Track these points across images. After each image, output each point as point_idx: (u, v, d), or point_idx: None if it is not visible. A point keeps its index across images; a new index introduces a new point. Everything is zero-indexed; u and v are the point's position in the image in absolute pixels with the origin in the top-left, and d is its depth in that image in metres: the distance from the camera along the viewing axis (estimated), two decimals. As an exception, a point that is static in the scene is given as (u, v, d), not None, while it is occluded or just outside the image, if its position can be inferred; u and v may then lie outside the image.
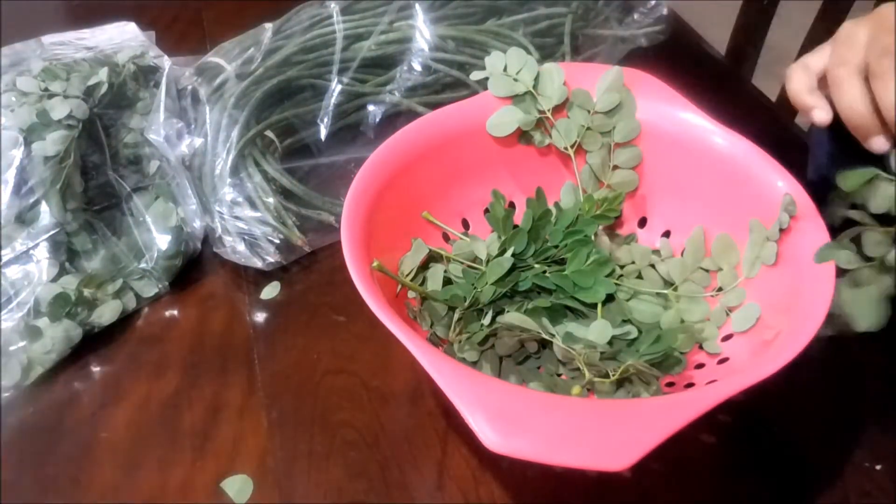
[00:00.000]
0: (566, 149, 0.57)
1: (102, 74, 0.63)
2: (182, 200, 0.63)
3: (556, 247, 0.55)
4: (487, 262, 0.54)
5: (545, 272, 0.54)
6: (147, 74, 0.69)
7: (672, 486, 0.49)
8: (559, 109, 0.57)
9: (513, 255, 0.53)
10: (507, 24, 0.73)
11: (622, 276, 0.56)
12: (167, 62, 0.68)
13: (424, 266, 0.54)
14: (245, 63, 0.68)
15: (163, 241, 0.61)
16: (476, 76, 0.59)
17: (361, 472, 0.50)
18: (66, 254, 0.59)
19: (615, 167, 0.57)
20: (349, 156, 0.67)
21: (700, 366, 0.50)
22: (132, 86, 0.67)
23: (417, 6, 0.71)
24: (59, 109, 0.60)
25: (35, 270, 0.58)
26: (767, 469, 0.50)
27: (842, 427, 0.52)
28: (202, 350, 0.58)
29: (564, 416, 0.39)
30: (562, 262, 0.55)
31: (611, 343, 0.49)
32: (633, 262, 0.56)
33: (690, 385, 0.48)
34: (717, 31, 0.94)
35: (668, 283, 0.55)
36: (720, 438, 0.51)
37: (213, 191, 0.62)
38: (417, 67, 0.69)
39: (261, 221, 0.61)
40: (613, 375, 0.47)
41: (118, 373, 0.57)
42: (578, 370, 0.49)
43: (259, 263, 0.60)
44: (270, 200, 0.62)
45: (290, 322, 0.60)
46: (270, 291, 0.62)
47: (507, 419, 0.38)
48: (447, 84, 0.71)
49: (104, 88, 0.63)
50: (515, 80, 0.57)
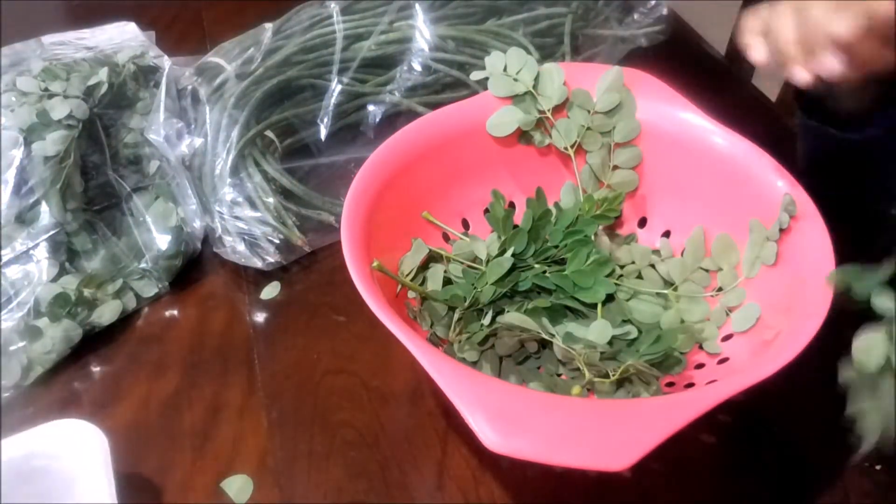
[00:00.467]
0: (566, 149, 0.57)
1: (102, 74, 0.63)
2: (182, 200, 0.63)
3: (556, 247, 0.55)
4: (487, 262, 0.54)
5: (545, 272, 0.54)
6: (147, 74, 0.69)
7: (672, 486, 0.49)
8: (559, 109, 0.57)
9: (513, 255, 0.53)
10: (507, 24, 0.73)
11: (622, 276, 0.56)
12: (167, 62, 0.68)
13: (424, 266, 0.54)
14: (245, 63, 0.68)
15: (163, 241, 0.61)
16: (476, 76, 0.59)
17: (361, 472, 0.50)
18: (66, 254, 0.59)
19: (615, 167, 0.57)
20: (349, 156, 0.67)
21: (700, 366, 0.50)
22: (132, 86, 0.67)
23: (417, 6, 0.71)
24: (59, 109, 0.60)
25: (35, 270, 0.58)
26: (767, 469, 0.50)
27: (842, 427, 0.52)
28: (202, 350, 0.58)
29: (564, 416, 0.39)
30: (562, 262, 0.55)
31: (611, 343, 0.49)
32: (633, 262, 0.56)
33: (690, 385, 0.48)
34: (717, 31, 0.94)
35: (668, 283, 0.55)
36: (720, 438, 0.51)
37: (213, 191, 0.62)
38: (417, 67, 0.69)
39: (261, 221, 0.61)
40: (613, 375, 0.47)
41: (118, 373, 0.57)
42: (578, 370, 0.49)
43: (259, 263, 0.60)
44: (270, 200, 0.62)
45: (290, 322, 0.60)
46: (270, 291, 0.61)
47: (507, 419, 0.38)
48: (447, 84, 0.71)
49: (104, 88, 0.63)
50: (515, 80, 0.57)
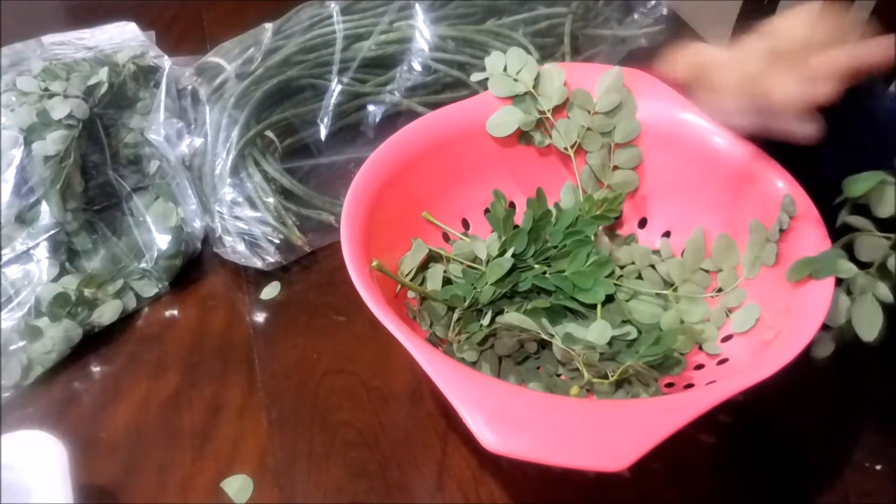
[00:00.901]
0: (566, 149, 0.57)
1: (102, 74, 0.63)
2: (182, 200, 0.63)
3: (556, 247, 0.55)
4: (487, 263, 0.54)
5: (545, 273, 0.54)
6: (147, 74, 0.69)
7: (672, 486, 0.49)
8: (559, 110, 0.57)
9: (513, 256, 0.53)
10: (507, 24, 0.73)
11: (622, 277, 0.56)
12: (167, 62, 0.68)
13: (424, 266, 0.54)
14: (245, 63, 0.68)
15: (163, 241, 0.61)
16: (476, 76, 0.59)
17: (361, 472, 0.50)
18: (67, 253, 0.59)
19: (615, 167, 0.57)
20: (349, 156, 0.67)
21: (700, 366, 0.50)
22: (132, 86, 0.67)
23: (417, 6, 0.71)
24: (60, 109, 0.60)
25: (35, 270, 0.58)
26: (767, 469, 0.50)
27: (842, 427, 0.52)
28: (202, 350, 0.58)
29: (563, 417, 0.39)
30: (562, 262, 0.55)
31: (610, 344, 0.49)
32: (633, 263, 0.56)
33: (690, 386, 0.48)
34: (717, 31, 0.94)
35: (668, 284, 0.55)
36: (720, 438, 0.51)
37: (213, 191, 0.62)
38: (417, 67, 0.69)
39: (261, 221, 0.61)
40: (612, 376, 0.47)
41: (118, 373, 0.57)
42: (578, 371, 0.49)
43: (259, 263, 0.60)
44: (270, 200, 0.62)
45: (290, 322, 0.60)
46: (270, 291, 0.62)
47: (506, 419, 0.38)
48: (447, 84, 0.71)
49: (104, 88, 0.63)
50: (515, 81, 0.57)
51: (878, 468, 0.49)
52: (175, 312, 0.61)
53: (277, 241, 0.61)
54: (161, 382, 0.56)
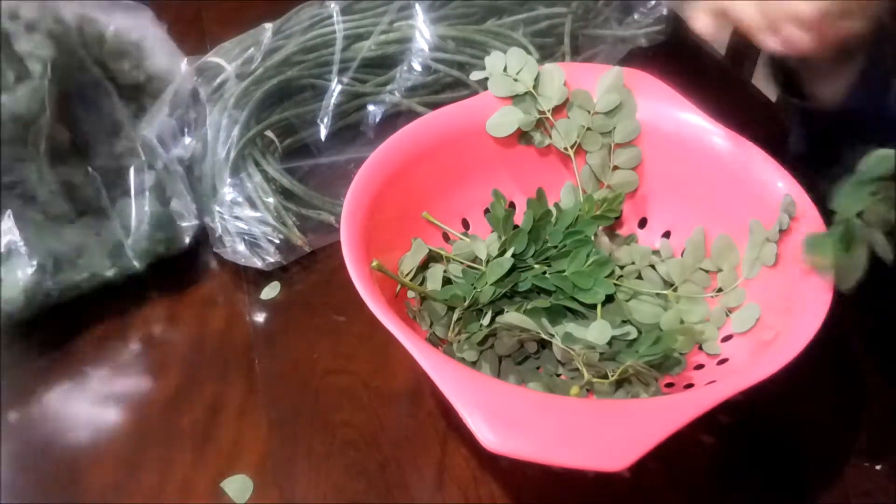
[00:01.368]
0: (566, 149, 0.57)
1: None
2: (174, 194, 0.62)
3: (556, 247, 0.55)
4: (487, 263, 0.54)
5: (545, 273, 0.54)
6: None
7: (672, 486, 0.49)
8: (559, 110, 0.57)
9: (513, 256, 0.53)
10: (507, 24, 0.73)
11: (622, 277, 0.56)
12: (184, 64, 0.67)
13: (424, 266, 0.54)
14: (245, 63, 0.68)
15: (146, 222, 0.60)
16: (476, 76, 0.59)
17: (361, 472, 0.50)
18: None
19: (615, 168, 0.57)
20: (349, 156, 0.67)
21: (699, 366, 0.50)
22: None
23: (417, 6, 0.71)
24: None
25: None
26: (767, 469, 0.50)
27: (842, 427, 0.52)
28: (202, 350, 0.58)
29: (563, 417, 0.39)
30: (561, 262, 0.55)
31: (610, 344, 0.49)
32: (633, 263, 0.56)
33: (690, 386, 0.48)
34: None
35: (668, 284, 0.55)
36: (720, 438, 0.51)
37: (213, 191, 0.62)
38: (417, 67, 0.69)
39: (261, 221, 0.61)
40: (612, 376, 0.47)
41: (119, 372, 0.57)
42: (577, 370, 0.49)
43: (259, 263, 0.60)
44: (270, 200, 0.62)
45: (290, 322, 0.60)
46: (270, 292, 0.61)
47: (506, 419, 0.38)
48: (447, 84, 0.71)
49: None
50: (515, 81, 0.57)
51: (878, 468, 0.49)
52: (175, 312, 0.61)
53: (277, 241, 0.61)
54: (161, 382, 0.56)
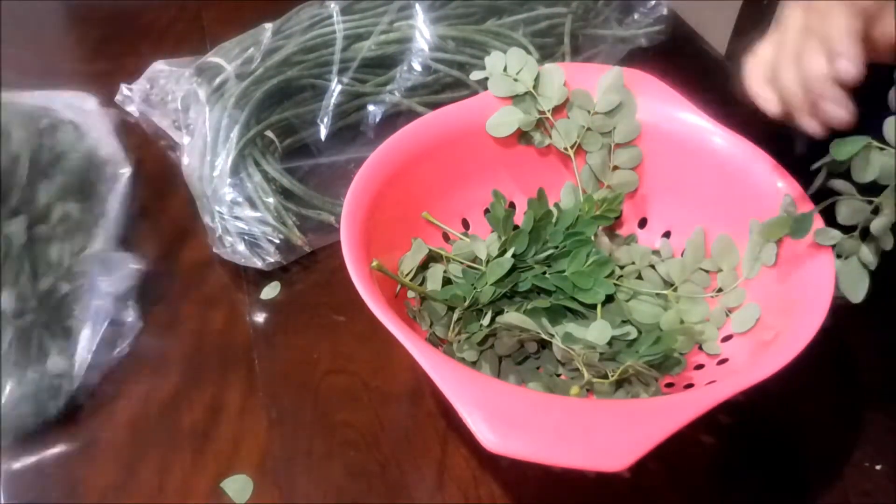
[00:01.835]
0: (566, 149, 0.57)
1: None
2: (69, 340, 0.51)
3: (556, 247, 0.55)
4: (487, 263, 0.54)
5: (545, 273, 0.54)
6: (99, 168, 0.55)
7: (672, 486, 0.49)
8: (559, 110, 0.57)
9: (513, 256, 0.53)
10: (507, 24, 0.73)
11: (622, 277, 0.56)
12: (127, 168, 0.57)
13: (424, 266, 0.54)
14: (245, 63, 0.68)
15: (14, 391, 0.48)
16: (476, 76, 0.59)
17: (361, 472, 0.50)
18: None
19: (615, 168, 0.57)
20: (349, 156, 0.67)
21: (699, 366, 0.50)
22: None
23: (417, 6, 0.71)
24: None
25: None
26: (767, 469, 0.50)
27: (842, 427, 0.52)
28: (202, 350, 0.58)
29: (563, 417, 0.39)
30: (561, 262, 0.55)
31: (610, 344, 0.49)
32: (633, 263, 0.56)
33: (690, 386, 0.48)
34: (717, 31, 0.94)
35: (668, 284, 0.55)
36: (720, 438, 0.51)
37: (213, 191, 0.62)
38: (417, 67, 0.69)
39: (261, 221, 0.61)
40: (612, 376, 0.47)
41: (118, 372, 0.57)
42: (578, 371, 0.49)
43: (259, 263, 0.60)
44: (270, 200, 0.62)
45: (290, 322, 0.60)
46: (270, 291, 0.61)
47: (505, 419, 0.38)
48: (447, 84, 0.71)
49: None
50: (515, 81, 0.57)
51: (878, 468, 0.49)
52: (175, 312, 0.61)
53: (277, 241, 0.61)
54: (161, 382, 0.56)
